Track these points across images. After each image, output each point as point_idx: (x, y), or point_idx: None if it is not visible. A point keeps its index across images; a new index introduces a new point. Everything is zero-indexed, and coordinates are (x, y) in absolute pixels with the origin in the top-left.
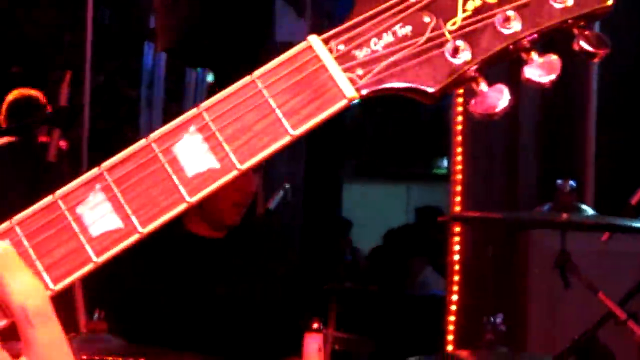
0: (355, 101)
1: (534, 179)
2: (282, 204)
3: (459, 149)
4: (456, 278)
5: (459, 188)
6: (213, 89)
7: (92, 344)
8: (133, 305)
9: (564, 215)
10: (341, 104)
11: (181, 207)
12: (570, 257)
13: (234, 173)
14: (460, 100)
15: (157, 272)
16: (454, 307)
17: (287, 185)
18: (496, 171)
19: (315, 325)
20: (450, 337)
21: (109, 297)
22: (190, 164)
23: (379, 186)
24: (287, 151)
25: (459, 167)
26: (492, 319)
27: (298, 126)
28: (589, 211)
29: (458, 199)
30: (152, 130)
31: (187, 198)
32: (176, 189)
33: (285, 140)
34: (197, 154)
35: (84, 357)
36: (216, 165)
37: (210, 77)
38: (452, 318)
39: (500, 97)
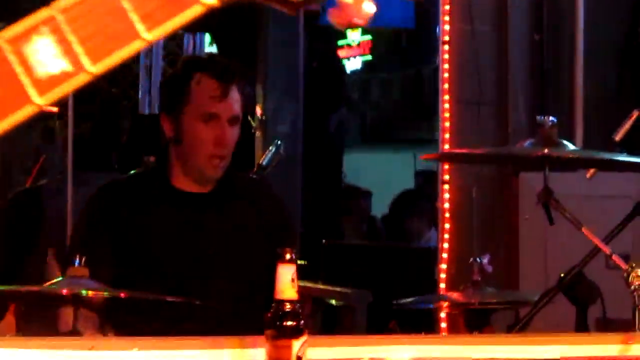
0: (358, 67)
1: (525, 123)
2: (276, 159)
3: (446, 97)
4: (447, 226)
5: (447, 135)
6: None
7: (74, 287)
8: (119, 262)
9: (545, 150)
10: (196, 8)
11: (29, 109)
12: (552, 193)
13: (85, 75)
14: (446, 47)
15: (144, 230)
16: (445, 255)
17: (279, 142)
18: (485, 115)
19: (287, 256)
20: (442, 285)
21: (94, 252)
22: (41, 65)
23: (385, 153)
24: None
25: (447, 114)
26: (478, 260)
27: (152, 29)
28: (571, 146)
29: (447, 135)
30: (151, 98)
31: (36, 99)
32: (24, 89)
33: (138, 44)
34: (48, 55)
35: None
36: (68, 67)
37: (208, 41)
38: (443, 266)
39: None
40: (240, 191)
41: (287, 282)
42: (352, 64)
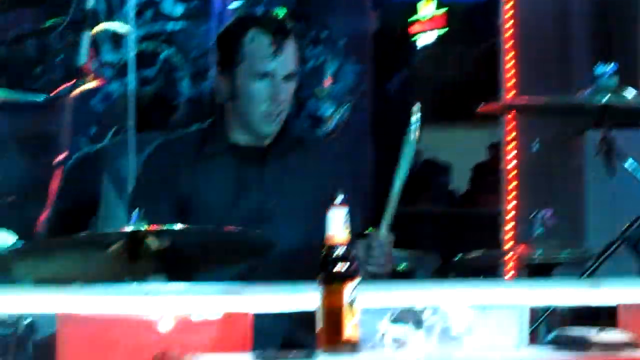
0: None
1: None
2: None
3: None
4: (512, 185)
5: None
6: None
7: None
8: (179, 219)
9: (604, 100)
10: None
11: None
12: (614, 142)
13: None
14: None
15: (203, 186)
16: (511, 215)
17: (345, 106)
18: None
19: (338, 200)
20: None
21: (154, 207)
22: None
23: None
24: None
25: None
26: (540, 214)
27: None
28: (631, 94)
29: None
30: None
31: None
32: None
33: None
34: None
35: None
36: None
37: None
38: (509, 226)
39: None
40: (301, 143)
41: (338, 225)
42: (425, 39)
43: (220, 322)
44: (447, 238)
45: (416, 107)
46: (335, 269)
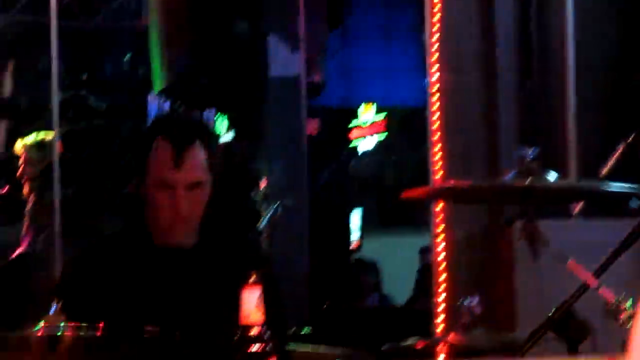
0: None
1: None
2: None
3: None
4: (442, 277)
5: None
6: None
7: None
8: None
9: (526, 181)
10: None
11: None
12: (537, 227)
13: None
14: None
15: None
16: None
17: (276, 205)
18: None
19: (252, 279)
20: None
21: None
22: None
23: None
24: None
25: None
26: (466, 302)
27: None
28: (554, 176)
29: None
30: None
31: None
32: None
33: None
34: None
35: None
36: None
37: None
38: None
39: None
40: (224, 246)
41: (252, 306)
42: (365, 144)
43: None
44: (381, 333)
45: None
46: (250, 349)
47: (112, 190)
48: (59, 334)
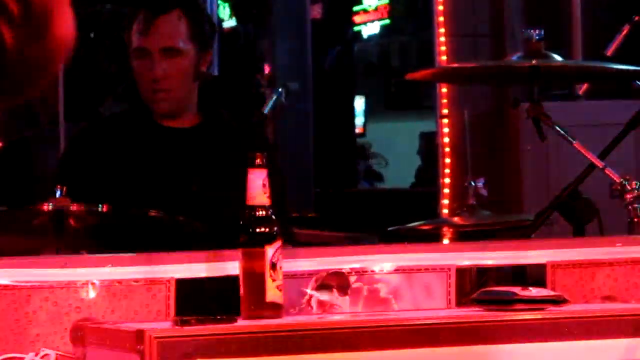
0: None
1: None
2: (278, 106)
3: (442, 30)
4: (447, 160)
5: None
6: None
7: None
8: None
9: (533, 61)
10: None
11: None
12: (542, 107)
13: None
14: None
15: (125, 166)
16: (446, 190)
17: (280, 89)
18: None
19: (257, 161)
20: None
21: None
22: None
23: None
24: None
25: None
26: (472, 183)
27: None
28: (559, 58)
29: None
30: None
31: None
32: None
33: None
34: None
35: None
36: None
37: None
38: (445, 201)
39: None
40: (227, 126)
41: (258, 187)
42: (370, 29)
43: (142, 289)
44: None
45: None
46: (256, 231)
47: (117, 75)
48: (65, 209)
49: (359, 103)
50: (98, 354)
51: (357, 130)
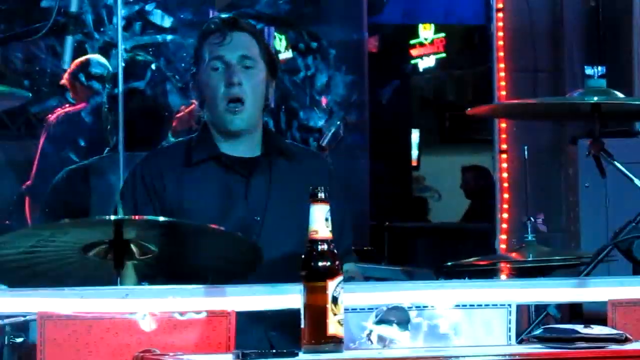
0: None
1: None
2: (336, 140)
3: (502, 65)
4: (505, 196)
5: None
6: None
7: None
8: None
9: (595, 98)
10: None
11: None
12: (603, 144)
13: None
14: (500, 15)
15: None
16: (504, 225)
17: (338, 122)
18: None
19: (320, 195)
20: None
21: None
22: None
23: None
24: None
25: (502, 83)
26: (531, 219)
27: None
28: (619, 95)
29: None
30: None
31: None
32: None
33: None
34: None
35: None
36: None
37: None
38: (503, 237)
39: None
40: (290, 156)
41: (320, 221)
42: (426, 63)
43: (203, 321)
44: (442, 251)
45: None
46: (318, 266)
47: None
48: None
49: (414, 137)
50: None
51: (412, 164)
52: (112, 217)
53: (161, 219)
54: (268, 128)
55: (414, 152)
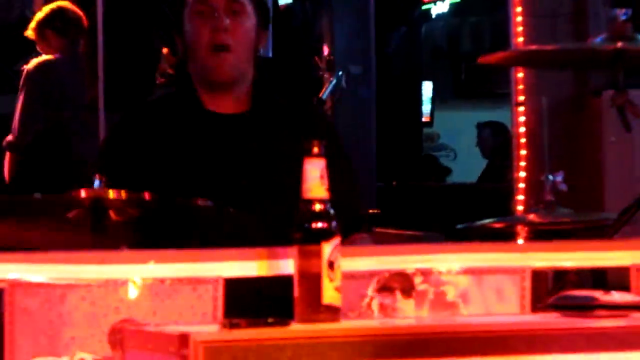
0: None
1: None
2: (338, 92)
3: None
4: (523, 152)
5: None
6: None
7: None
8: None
9: (618, 44)
10: None
11: None
12: (627, 94)
13: None
14: None
15: (173, 155)
16: (522, 185)
17: (340, 72)
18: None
19: (315, 150)
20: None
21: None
22: None
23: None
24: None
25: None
26: (550, 178)
27: None
28: None
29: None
30: None
31: None
32: None
33: None
34: None
35: None
36: None
37: None
38: (520, 197)
39: None
40: (282, 112)
41: (315, 178)
42: (439, 8)
43: (188, 289)
44: (456, 214)
45: None
46: (312, 227)
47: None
48: (104, 198)
49: (426, 89)
50: (138, 359)
51: (424, 119)
52: (89, 194)
53: (144, 196)
54: (257, 80)
55: (426, 107)
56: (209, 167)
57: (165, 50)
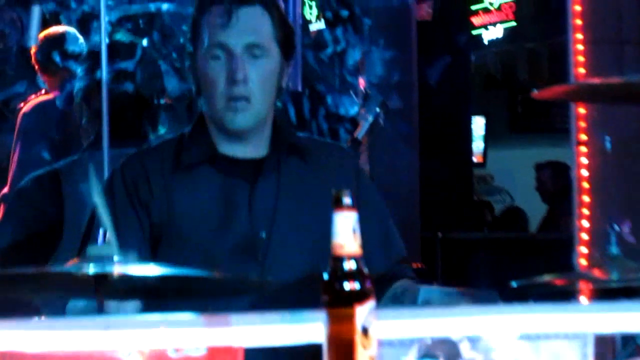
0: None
1: None
2: (375, 128)
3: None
4: (585, 199)
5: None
6: None
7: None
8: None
9: None
10: None
11: None
12: None
13: None
14: None
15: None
16: (584, 235)
17: (378, 110)
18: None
19: (346, 200)
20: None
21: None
22: None
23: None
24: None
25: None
26: (616, 228)
27: None
28: None
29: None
30: None
31: None
32: None
33: None
34: None
35: None
36: None
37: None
38: (583, 249)
39: None
40: (305, 156)
41: (346, 232)
42: (491, 33)
43: (203, 358)
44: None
45: None
46: (344, 288)
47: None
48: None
49: (478, 125)
50: None
51: (475, 160)
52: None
53: (152, 269)
54: (278, 120)
55: (478, 145)
56: (223, 218)
57: None
